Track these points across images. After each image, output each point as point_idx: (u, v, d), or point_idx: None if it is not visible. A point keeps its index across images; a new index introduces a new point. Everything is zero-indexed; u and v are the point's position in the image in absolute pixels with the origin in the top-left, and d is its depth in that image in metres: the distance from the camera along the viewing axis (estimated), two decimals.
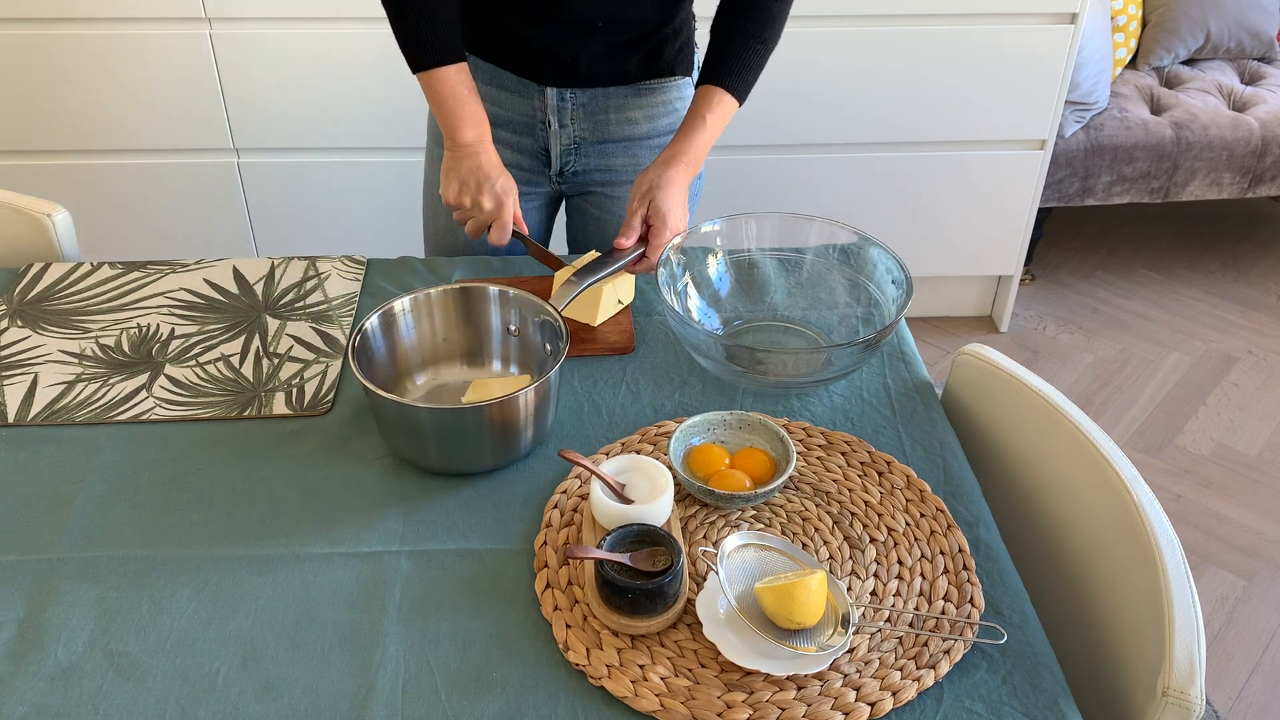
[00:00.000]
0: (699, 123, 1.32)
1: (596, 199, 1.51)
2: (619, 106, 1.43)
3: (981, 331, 2.77)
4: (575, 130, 1.44)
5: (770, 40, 1.33)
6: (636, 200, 1.30)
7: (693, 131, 1.32)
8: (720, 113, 1.32)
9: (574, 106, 1.42)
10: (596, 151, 1.46)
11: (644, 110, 1.44)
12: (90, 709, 0.88)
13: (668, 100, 1.45)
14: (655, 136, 1.46)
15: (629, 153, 1.47)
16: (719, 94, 1.32)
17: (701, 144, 1.32)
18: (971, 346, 1.22)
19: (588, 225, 1.54)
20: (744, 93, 1.34)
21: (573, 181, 1.50)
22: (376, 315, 1.16)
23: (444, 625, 0.95)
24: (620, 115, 1.43)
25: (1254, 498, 2.25)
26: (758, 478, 1.07)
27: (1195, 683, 0.85)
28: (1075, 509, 1.08)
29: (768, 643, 0.90)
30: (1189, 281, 2.98)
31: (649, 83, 1.43)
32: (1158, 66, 2.96)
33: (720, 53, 1.32)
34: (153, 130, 2.28)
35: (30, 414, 1.18)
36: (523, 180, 1.48)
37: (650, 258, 1.29)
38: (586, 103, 1.42)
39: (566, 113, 1.42)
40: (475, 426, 1.06)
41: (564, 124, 1.43)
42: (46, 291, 1.38)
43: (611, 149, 1.46)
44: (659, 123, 1.46)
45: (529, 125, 1.44)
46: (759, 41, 1.32)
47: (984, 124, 2.39)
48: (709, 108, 1.32)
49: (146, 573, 1.00)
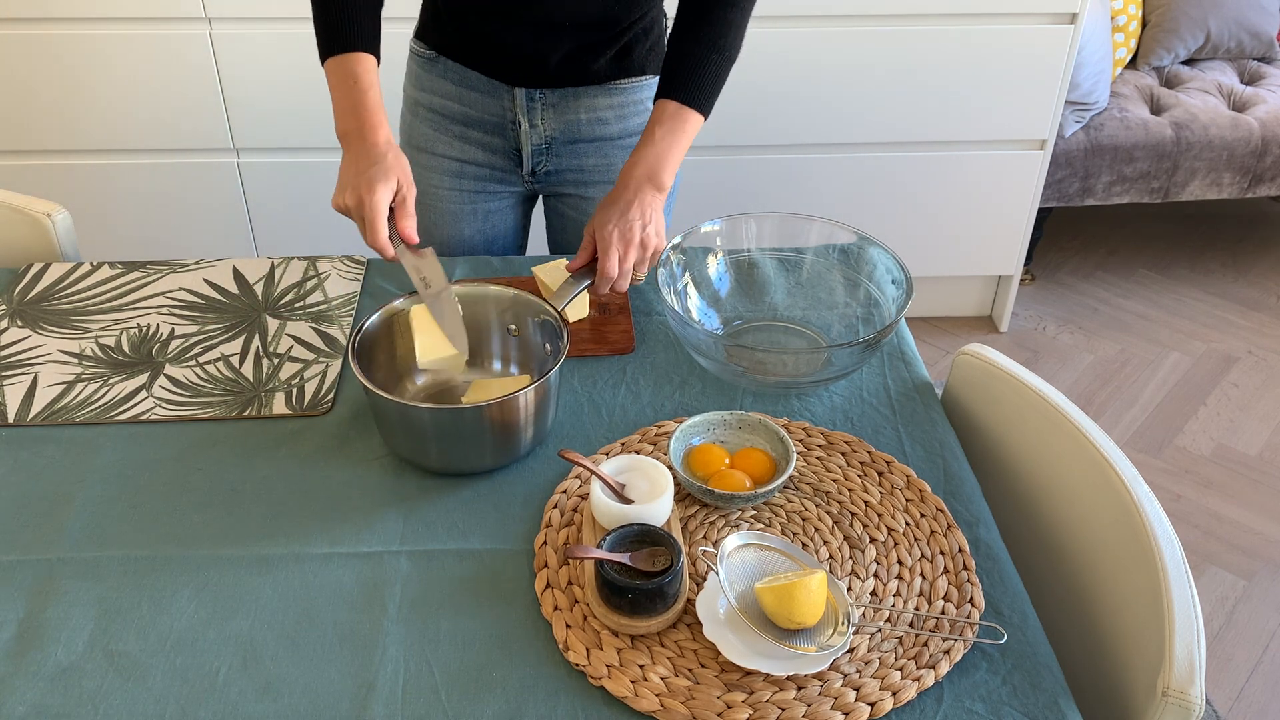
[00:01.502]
0: (647, 138, 1.26)
1: (572, 200, 1.50)
2: (589, 106, 1.42)
3: (981, 331, 2.77)
4: (546, 130, 1.43)
5: (727, 49, 1.28)
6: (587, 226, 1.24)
7: (641, 147, 1.26)
8: (672, 125, 1.26)
9: (544, 106, 1.41)
10: (568, 151, 1.45)
11: (615, 110, 1.43)
12: (90, 709, 0.88)
13: (639, 100, 1.44)
14: (627, 136, 1.45)
15: (601, 152, 1.45)
16: (673, 106, 1.26)
17: (653, 158, 1.24)
18: (971, 346, 1.22)
19: (566, 227, 1.54)
20: (702, 103, 1.27)
21: (545, 181, 1.49)
22: (377, 315, 1.15)
23: (444, 625, 0.95)
24: (591, 115, 1.42)
25: (1254, 498, 2.25)
26: (758, 478, 1.07)
27: (1195, 683, 0.85)
28: (1075, 509, 1.08)
29: (768, 643, 0.90)
30: (1189, 281, 2.98)
31: (619, 82, 1.41)
32: (1158, 66, 2.96)
33: (676, 65, 1.27)
34: (153, 130, 2.28)
35: (30, 414, 1.18)
36: (495, 180, 1.48)
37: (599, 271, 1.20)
38: (556, 103, 1.41)
39: (536, 113, 1.41)
40: (475, 426, 1.06)
41: (534, 124, 1.42)
42: (46, 291, 1.38)
43: (583, 149, 1.45)
44: (630, 122, 1.44)
45: (500, 125, 1.43)
46: (715, 51, 1.26)
47: (984, 124, 2.39)
48: (659, 121, 1.26)
49: (146, 573, 0.99)
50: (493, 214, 1.51)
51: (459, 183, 1.47)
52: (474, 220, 1.51)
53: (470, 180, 1.47)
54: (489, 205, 1.50)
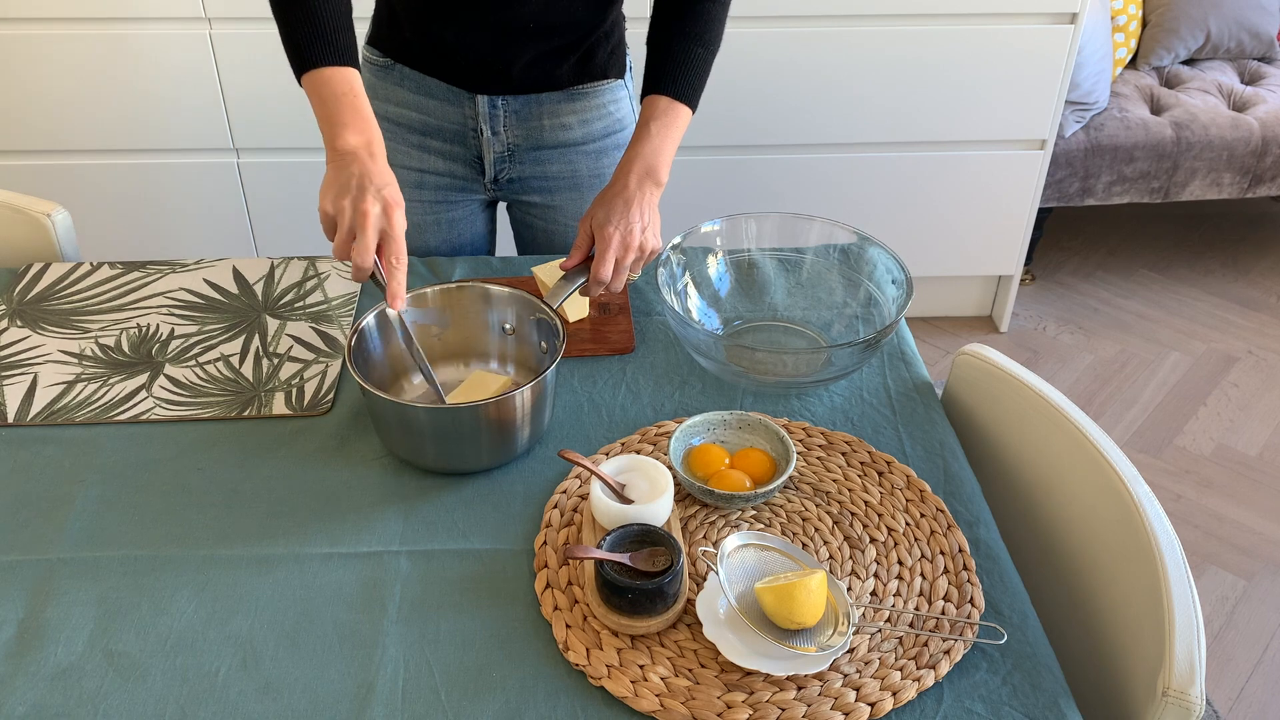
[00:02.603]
0: (644, 133, 1.26)
1: (539, 210, 1.48)
2: (552, 112, 1.40)
3: (981, 331, 2.77)
4: (508, 137, 1.41)
5: (710, 42, 1.29)
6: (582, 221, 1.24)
7: (638, 143, 1.25)
8: (665, 120, 1.26)
9: (506, 114, 1.39)
10: (531, 158, 1.43)
11: (578, 115, 1.41)
12: (90, 709, 0.88)
13: (601, 104, 1.42)
14: (590, 141, 1.43)
15: (564, 159, 1.44)
16: (664, 101, 1.26)
17: (651, 154, 1.25)
18: (971, 346, 1.22)
19: (535, 238, 1.52)
20: (690, 97, 1.28)
21: (508, 188, 1.47)
22: (373, 315, 1.15)
23: (444, 625, 0.95)
24: (554, 121, 1.41)
25: (1254, 498, 2.25)
26: (758, 478, 1.07)
27: (1195, 683, 0.85)
28: (1075, 509, 1.08)
29: (768, 643, 0.90)
30: (1189, 281, 2.98)
31: (582, 87, 1.40)
32: (1158, 66, 2.96)
33: (661, 60, 1.28)
34: (153, 130, 2.28)
35: (30, 414, 1.18)
36: (457, 189, 1.46)
37: (593, 272, 1.19)
38: (519, 109, 1.39)
39: (499, 120, 1.39)
40: (471, 426, 1.06)
41: (496, 131, 1.40)
42: (46, 291, 1.38)
43: (546, 155, 1.43)
44: (593, 127, 1.43)
45: (460, 134, 1.41)
46: (699, 44, 1.27)
47: (984, 124, 2.39)
48: (653, 116, 1.26)
49: (146, 573, 0.99)
50: (457, 222, 1.49)
51: (419, 194, 1.45)
52: (438, 230, 1.49)
53: (431, 190, 1.45)
54: (452, 214, 1.48)
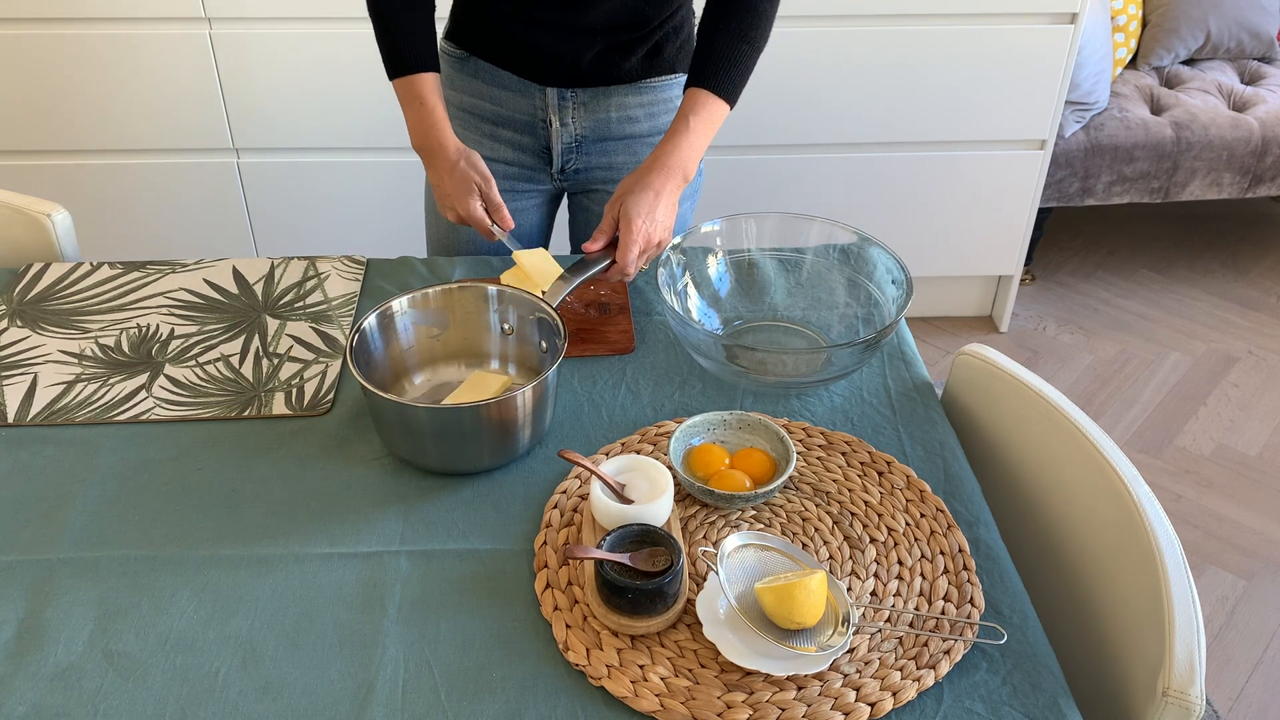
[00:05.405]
0: (682, 126, 1.29)
1: (599, 196, 1.51)
2: (620, 105, 1.43)
3: (981, 331, 2.77)
4: (576, 128, 1.44)
5: (757, 40, 1.31)
6: (609, 206, 1.27)
7: (676, 135, 1.28)
8: (706, 115, 1.29)
9: (575, 105, 1.42)
10: (598, 149, 1.46)
11: (645, 108, 1.44)
12: (90, 709, 0.88)
13: (668, 99, 1.45)
14: (656, 134, 1.46)
15: (630, 150, 1.47)
16: (705, 96, 1.29)
17: (687, 148, 1.28)
18: (971, 346, 1.22)
19: (590, 222, 1.54)
20: (731, 94, 1.30)
21: (574, 179, 1.50)
22: (374, 315, 1.16)
23: (444, 625, 0.95)
24: (621, 114, 1.44)
25: (1254, 498, 2.25)
26: (758, 478, 1.07)
27: (1195, 683, 0.85)
28: (1075, 509, 1.08)
29: (768, 643, 0.90)
30: (1189, 281, 2.98)
31: (649, 81, 1.43)
32: (1158, 66, 2.96)
33: (706, 54, 1.30)
34: (153, 130, 2.28)
35: (30, 414, 1.18)
36: (524, 178, 1.49)
37: (618, 262, 1.24)
38: (587, 101, 1.42)
39: (568, 111, 1.42)
40: (472, 426, 1.06)
41: (565, 123, 1.43)
42: (46, 291, 1.38)
43: (612, 146, 1.46)
44: (660, 120, 1.46)
45: (530, 124, 1.45)
46: (745, 42, 1.29)
47: (984, 124, 2.39)
48: (693, 110, 1.29)
49: (146, 573, 0.99)
50: (519, 213, 1.51)
51: None
52: None
53: (499, 179, 1.47)
54: (515, 204, 1.50)
